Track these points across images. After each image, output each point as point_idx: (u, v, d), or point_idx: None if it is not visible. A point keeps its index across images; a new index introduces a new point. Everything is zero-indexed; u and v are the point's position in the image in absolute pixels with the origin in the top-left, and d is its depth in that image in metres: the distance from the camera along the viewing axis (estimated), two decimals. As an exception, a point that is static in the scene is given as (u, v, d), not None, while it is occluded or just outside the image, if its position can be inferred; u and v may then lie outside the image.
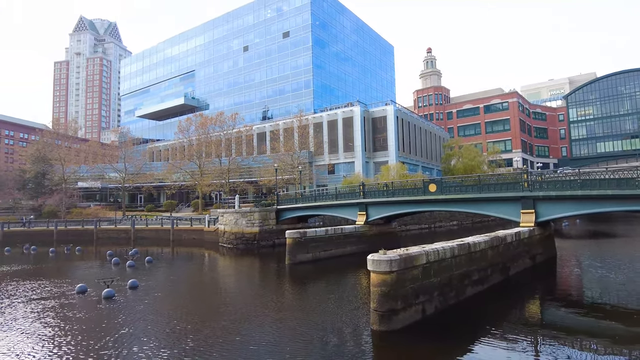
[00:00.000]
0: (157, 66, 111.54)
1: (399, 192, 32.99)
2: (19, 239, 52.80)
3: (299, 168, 57.57)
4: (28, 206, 73.20)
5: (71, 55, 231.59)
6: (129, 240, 51.79)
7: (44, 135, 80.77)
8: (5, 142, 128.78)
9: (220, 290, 23.77)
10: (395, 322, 13.41)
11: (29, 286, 23.61)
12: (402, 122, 70.81)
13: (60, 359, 11.72)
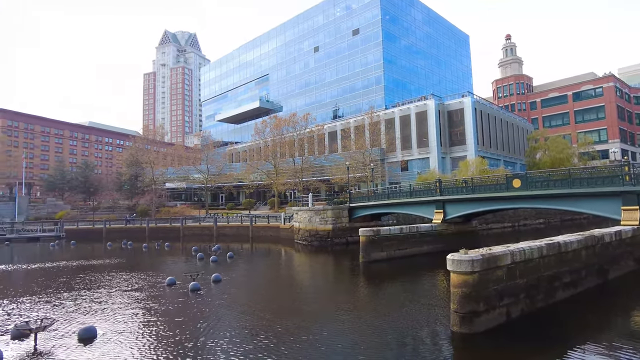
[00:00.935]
0: (233, 72, 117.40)
1: (479, 189, 31.26)
2: (118, 235, 58.59)
3: (371, 165, 57.07)
4: (124, 205, 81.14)
5: (157, 67, 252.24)
6: (211, 236, 55.04)
7: (136, 141, 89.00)
8: (106, 149, 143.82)
9: (295, 287, 24.32)
10: (477, 324, 12.71)
11: (127, 277, 26.06)
12: (481, 114, 67.13)
13: (153, 344, 12.73)
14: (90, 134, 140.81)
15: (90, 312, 16.99)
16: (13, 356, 11.78)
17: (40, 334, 12.86)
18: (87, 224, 66.27)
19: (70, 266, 32.67)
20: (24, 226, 65.33)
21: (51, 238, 59.13)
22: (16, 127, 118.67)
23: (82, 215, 74.19)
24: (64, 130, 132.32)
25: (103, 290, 22.02)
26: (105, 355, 11.88)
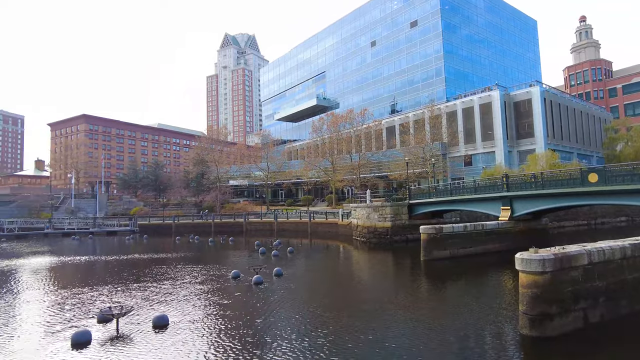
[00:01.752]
0: (290, 71, 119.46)
1: (550, 184, 29.25)
2: (186, 230, 62.02)
3: (432, 161, 55.48)
4: (191, 202, 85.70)
5: (219, 69, 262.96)
6: (272, 232, 56.57)
7: (201, 141, 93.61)
8: (174, 149, 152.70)
9: (354, 284, 24.33)
10: (549, 327, 11.96)
11: (195, 270, 27.54)
12: (551, 105, 62.73)
13: (220, 334, 13.36)
14: (159, 135, 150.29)
15: (163, 301, 18.19)
16: (100, 337, 12.94)
17: (121, 319, 14.00)
18: (158, 219, 70.86)
19: (143, 258, 35.17)
20: (103, 221, 71.27)
21: (126, 232, 63.99)
22: (96, 131, 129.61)
23: (153, 211, 79.44)
24: (136, 132, 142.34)
25: (173, 281, 23.46)
26: (177, 342, 12.66)
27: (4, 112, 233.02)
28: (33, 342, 13.03)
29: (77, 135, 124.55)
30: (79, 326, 14.10)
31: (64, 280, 26.16)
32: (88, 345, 12.23)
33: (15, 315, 16.67)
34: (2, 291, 21.81)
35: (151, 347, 12.22)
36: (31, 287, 23.17)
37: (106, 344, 12.48)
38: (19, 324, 15.25)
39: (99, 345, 12.31)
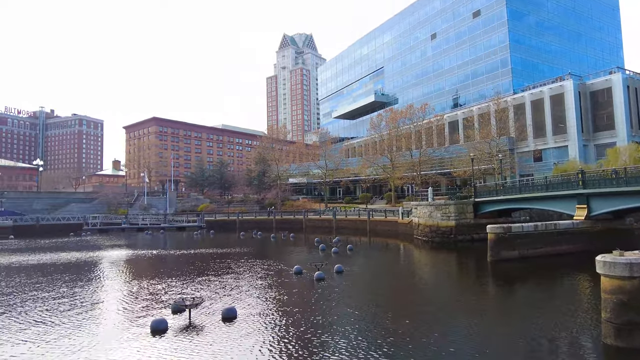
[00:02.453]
0: (348, 69, 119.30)
1: (635, 181, 26.66)
2: (249, 226, 64.25)
3: (499, 156, 52.78)
4: (254, 199, 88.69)
5: (278, 70, 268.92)
6: (331, 229, 56.95)
7: (262, 140, 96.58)
8: (237, 148, 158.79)
9: (415, 283, 23.83)
10: (637, 338, 10.92)
11: (259, 264, 28.48)
12: (635, 93, 57.14)
13: (284, 327, 13.71)
14: (223, 136, 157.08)
15: (230, 294, 19.01)
16: (175, 326, 13.82)
17: (193, 310, 14.83)
18: (223, 215, 74.11)
19: (210, 253, 36.94)
20: (173, 217, 75.87)
21: (194, 228, 67.60)
22: (165, 132, 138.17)
23: (218, 208, 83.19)
24: (202, 133, 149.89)
25: (239, 275, 24.43)
26: (245, 334, 13.18)
27: (86, 118, 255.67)
28: (117, 327, 14.21)
29: (148, 137, 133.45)
30: (156, 315, 15.13)
31: (139, 271, 28.25)
32: (165, 333, 13.11)
33: (99, 302, 18.29)
34: (87, 280, 24.01)
35: (221, 337, 12.82)
36: (112, 277, 25.30)
37: (181, 332, 13.29)
38: (103, 311, 16.71)
39: (175, 334, 13.14)
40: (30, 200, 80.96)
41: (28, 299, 18.58)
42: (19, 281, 23.55)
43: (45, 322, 14.71)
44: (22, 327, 14.25)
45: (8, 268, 29.17)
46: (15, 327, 14.28)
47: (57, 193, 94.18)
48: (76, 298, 18.82)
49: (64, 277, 24.66)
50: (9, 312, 16.32)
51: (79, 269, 28.42)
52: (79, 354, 11.50)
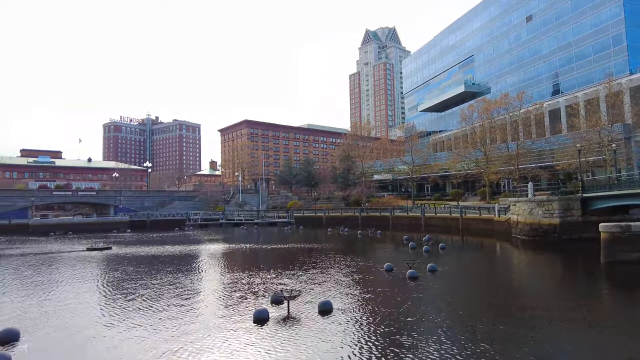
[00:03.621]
0: (434, 60, 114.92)
1: None
2: (335, 222, 65.12)
3: (612, 147, 46.98)
4: (339, 196, 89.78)
5: (361, 67, 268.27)
6: (419, 227, 55.42)
7: (346, 138, 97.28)
8: (322, 147, 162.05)
9: (516, 286, 22.18)
10: None
11: (348, 260, 28.74)
12: None
13: (378, 324, 13.62)
14: (308, 135, 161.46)
15: (324, 288, 19.44)
16: (275, 316, 14.53)
17: (291, 302, 15.44)
18: (311, 212, 76.20)
19: (301, 248, 38.20)
20: (265, 213, 79.84)
21: (284, 223, 70.42)
22: (256, 134, 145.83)
23: (306, 205, 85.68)
24: (289, 133, 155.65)
25: (331, 269, 24.90)
26: (340, 327, 13.38)
27: (186, 123, 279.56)
28: (220, 314, 15.31)
29: (241, 139, 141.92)
30: (257, 305, 16.03)
31: (237, 263, 30.21)
32: (267, 323, 13.83)
33: (202, 291, 19.90)
34: (190, 270, 26.28)
35: (318, 330, 13.15)
36: (212, 269, 27.44)
37: (280, 323, 13.91)
38: (206, 299, 18.14)
39: (275, 324, 13.80)
40: (142, 199, 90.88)
41: (138, 287, 20.81)
42: (132, 269, 26.56)
43: (154, 308, 16.29)
44: (133, 312, 15.94)
45: (124, 257, 33.13)
46: (127, 312, 16.04)
47: (163, 192, 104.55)
48: (181, 286, 20.67)
49: (170, 267, 27.28)
50: (122, 298, 18.45)
51: (183, 260, 31.24)
52: (187, 337, 12.55)
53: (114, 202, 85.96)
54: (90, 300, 18.32)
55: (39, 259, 33.34)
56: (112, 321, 14.62)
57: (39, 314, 15.83)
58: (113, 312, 15.97)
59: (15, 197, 78.69)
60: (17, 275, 25.82)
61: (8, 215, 71.17)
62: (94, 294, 19.62)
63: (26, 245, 45.19)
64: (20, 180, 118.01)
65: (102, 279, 23.56)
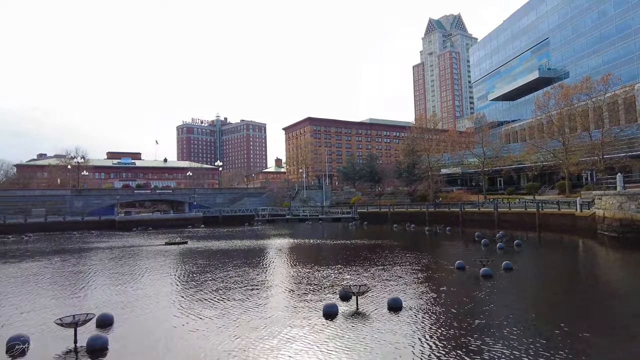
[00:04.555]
0: (504, 45, 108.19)
1: None
2: (401, 218, 63.79)
3: None
4: (404, 192, 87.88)
5: (425, 57, 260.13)
6: (491, 222, 52.60)
7: (411, 131, 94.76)
8: (385, 141, 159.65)
9: (604, 288, 20.08)
10: None
11: (416, 257, 27.97)
12: None
13: (448, 323, 13.03)
14: (371, 130, 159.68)
15: (393, 285, 19.07)
16: (344, 312, 14.49)
17: (360, 298, 15.30)
18: (375, 207, 75.43)
19: (366, 244, 37.87)
20: (329, 209, 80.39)
21: (348, 219, 70.36)
22: (318, 131, 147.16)
23: (369, 200, 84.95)
24: (351, 129, 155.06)
25: (398, 265, 24.39)
26: (410, 325, 13.01)
27: (252, 123, 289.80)
28: (290, 308, 15.57)
29: (304, 136, 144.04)
30: (325, 300, 16.09)
31: (304, 258, 30.68)
32: (336, 317, 13.82)
33: (271, 284, 20.34)
34: (259, 264, 27.11)
35: (388, 326, 12.89)
36: (280, 262, 28.13)
37: (349, 318, 13.84)
38: (275, 292, 18.55)
39: (344, 319, 13.75)
40: (214, 196, 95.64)
41: (211, 279, 21.77)
42: (205, 263, 27.95)
43: (225, 301, 16.93)
44: (206, 303, 16.68)
45: (198, 251, 35.03)
46: (200, 302, 16.84)
47: (233, 189, 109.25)
48: (250, 280, 21.36)
49: (240, 261, 28.37)
50: (196, 289, 19.40)
51: (252, 254, 32.38)
52: (258, 330, 12.89)
53: (188, 199, 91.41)
54: (169, 290, 19.57)
55: (124, 251, 36.38)
56: (188, 311, 15.43)
57: (126, 301, 17.22)
58: (188, 303, 16.89)
59: (104, 195, 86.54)
60: (107, 265, 28.40)
61: (98, 212, 78.46)
62: (172, 286, 20.91)
63: (112, 239, 49.51)
64: (107, 181, 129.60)
65: (178, 272, 25.08)
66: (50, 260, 31.62)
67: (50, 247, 41.95)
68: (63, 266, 28.81)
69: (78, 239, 50.12)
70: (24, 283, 22.47)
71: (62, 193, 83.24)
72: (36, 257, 33.87)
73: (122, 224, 72.20)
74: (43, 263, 30.32)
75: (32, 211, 73.93)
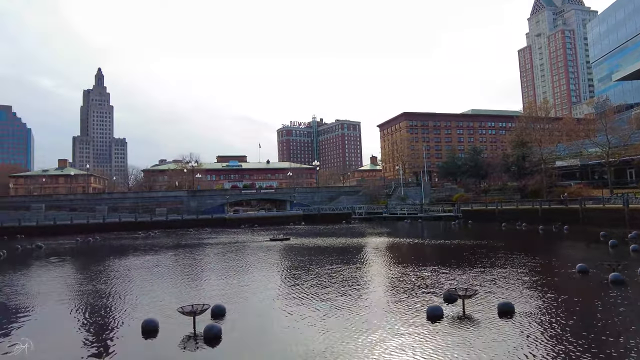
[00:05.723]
0: (631, 16, 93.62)
1: None
2: (509, 216, 58.74)
3: None
4: (513, 187, 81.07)
5: (531, 39, 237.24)
6: (619, 221, 45.73)
7: (519, 121, 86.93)
8: (489, 133, 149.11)
9: None
10: None
11: (528, 258, 25.57)
12: None
13: (573, 336, 11.57)
14: (473, 121, 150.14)
15: (502, 288, 17.61)
16: (449, 315, 13.78)
17: (467, 300, 14.40)
18: (480, 205, 70.75)
19: (471, 243, 35.68)
20: (429, 207, 77.61)
21: (450, 217, 67.10)
22: (415, 126, 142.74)
23: (474, 198, 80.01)
24: (450, 122, 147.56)
25: (508, 268, 22.51)
26: (523, 333, 11.84)
27: (347, 122, 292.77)
28: (391, 308, 15.22)
29: (400, 132, 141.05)
30: (429, 302, 15.46)
31: (402, 257, 30.02)
32: (440, 320, 13.19)
33: (370, 283, 20.24)
34: (358, 262, 27.18)
35: (497, 333, 11.95)
36: (378, 261, 27.98)
37: (456, 322, 13.10)
38: (374, 292, 18.40)
39: (450, 322, 13.05)
40: (312, 195, 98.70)
41: (312, 275, 22.31)
42: (307, 259, 28.93)
43: (327, 297, 17.16)
44: (308, 298, 17.09)
45: (300, 247, 36.55)
46: (302, 297, 17.30)
47: (330, 188, 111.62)
48: (350, 277, 21.46)
49: (339, 258, 28.77)
50: (299, 284, 20.01)
51: (351, 252, 32.64)
52: (359, 328, 12.82)
53: (289, 198, 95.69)
54: (274, 285, 20.59)
55: (234, 247, 39.36)
56: (292, 307, 16.00)
57: (236, 294, 18.53)
58: (292, 298, 17.54)
59: (215, 196, 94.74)
60: (218, 259, 31.07)
61: (210, 211, 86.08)
62: (277, 280, 21.97)
63: (223, 235, 53.86)
64: (217, 182, 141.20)
65: (282, 267, 26.30)
66: (172, 254, 35.61)
67: (171, 242, 47.14)
68: (182, 259, 32.21)
69: (194, 236, 55.51)
70: (150, 273, 25.63)
71: (179, 194, 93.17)
72: (160, 251, 38.36)
73: (231, 221, 78.18)
74: (165, 256, 34.25)
75: (156, 210, 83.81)
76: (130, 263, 30.62)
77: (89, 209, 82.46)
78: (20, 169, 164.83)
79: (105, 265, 30.06)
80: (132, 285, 21.76)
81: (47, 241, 50.55)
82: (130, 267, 28.46)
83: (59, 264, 31.62)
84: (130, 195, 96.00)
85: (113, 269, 27.98)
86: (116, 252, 39.47)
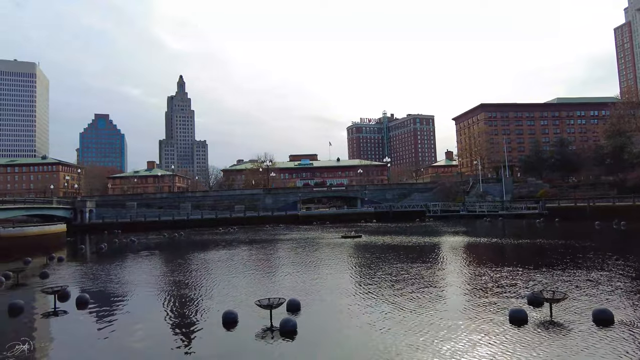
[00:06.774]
0: None
1: None
2: (604, 214, 53.11)
3: None
4: (608, 182, 73.17)
5: (632, 14, 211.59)
6: None
7: (615, 108, 78.27)
8: (579, 122, 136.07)
9: None
10: None
11: (627, 261, 22.87)
12: None
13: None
14: (559, 111, 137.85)
15: (596, 293, 15.90)
16: (534, 318, 12.72)
17: (554, 305, 13.19)
18: (569, 201, 64.91)
19: (558, 243, 32.84)
20: (510, 204, 72.78)
21: (535, 215, 62.34)
22: (494, 118, 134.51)
23: (561, 194, 73.59)
24: (533, 112, 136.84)
25: (602, 271, 20.32)
26: (626, 346, 10.51)
27: (419, 116, 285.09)
28: (471, 310, 14.40)
29: (477, 125, 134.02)
30: (511, 304, 14.40)
31: (482, 257, 28.43)
32: (524, 324, 12.21)
33: (448, 284, 19.36)
34: (434, 262, 26.31)
35: (593, 343, 10.74)
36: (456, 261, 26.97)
37: (542, 327, 12.06)
38: (453, 293, 17.58)
39: (534, 326, 12.05)
40: (384, 192, 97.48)
41: (386, 274, 21.91)
42: (380, 257, 28.59)
43: (402, 297, 16.68)
44: (383, 297, 16.75)
45: (373, 245, 36.17)
46: (375, 296, 16.99)
47: (402, 184, 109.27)
48: (427, 276, 20.71)
49: (414, 257, 27.97)
50: (374, 283, 19.73)
51: (426, 251, 31.62)
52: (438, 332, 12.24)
53: (359, 195, 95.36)
54: (347, 281, 20.62)
55: (307, 243, 40.15)
56: (365, 304, 15.84)
57: (309, 289, 18.79)
58: (365, 295, 17.36)
59: (288, 193, 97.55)
60: (292, 254, 31.89)
61: (284, 208, 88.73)
62: (350, 277, 21.95)
63: (296, 231, 55.15)
64: (290, 180, 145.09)
65: (355, 264, 26.25)
66: (248, 249, 37.29)
67: (248, 237, 49.33)
68: (258, 254, 33.55)
69: (269, 231, 57.56)
70: (228, 266, 27.02)
71: (255, 192, 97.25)
72: (238, 246, 40.35)
73: (304, 218, 79.84)
74: (242, 250, 35.98)
75: (234, 207, 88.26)
76: (210, 257, 32.57)
77: (174, 207, 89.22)
78: (116, 171, 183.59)
79: (188, 258, 32.32)
80: (211, 278, 23.10)
81: (139, 236, 55.54)
82: (210, 261, 30.27)
83: (149, 257, 34.58)
84: (211, 193, 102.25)
85: (194, 263, 30.00)
86: (198, 246, 42.23)
